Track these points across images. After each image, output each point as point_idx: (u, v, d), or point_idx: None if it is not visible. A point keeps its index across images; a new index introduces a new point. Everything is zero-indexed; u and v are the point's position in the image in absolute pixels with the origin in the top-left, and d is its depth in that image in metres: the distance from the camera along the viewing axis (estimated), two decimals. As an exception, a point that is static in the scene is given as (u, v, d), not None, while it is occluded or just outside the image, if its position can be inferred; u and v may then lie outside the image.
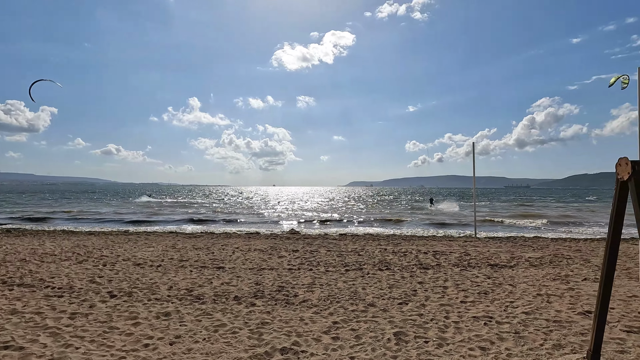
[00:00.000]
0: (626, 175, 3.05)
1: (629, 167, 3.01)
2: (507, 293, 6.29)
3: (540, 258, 9.68)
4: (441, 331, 4.57)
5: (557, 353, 3.96)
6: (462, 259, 9.49)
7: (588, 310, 5.38)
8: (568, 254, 10.36)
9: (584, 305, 5.67)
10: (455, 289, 6.55)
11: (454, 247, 11.44)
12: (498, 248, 11.39)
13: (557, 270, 8.24)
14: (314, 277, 7.36)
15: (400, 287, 6.66)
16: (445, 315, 5.13)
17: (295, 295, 6.07)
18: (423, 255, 9.91)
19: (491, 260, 9.25)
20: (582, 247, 11.90)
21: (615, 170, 3.20)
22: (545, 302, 5.81)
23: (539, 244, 12.46)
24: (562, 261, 9.28)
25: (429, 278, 7.35)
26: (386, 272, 7.91)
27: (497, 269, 8.24)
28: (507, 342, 4.23)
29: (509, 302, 5.76)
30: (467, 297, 6.05)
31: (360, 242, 12.74)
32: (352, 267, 8.42)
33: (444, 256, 9.84)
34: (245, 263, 8.81)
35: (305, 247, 11.40)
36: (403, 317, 5.07)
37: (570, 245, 12.41)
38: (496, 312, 5.28)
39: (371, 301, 5.78)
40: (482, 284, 6.92)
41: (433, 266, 8.53)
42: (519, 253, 10.46)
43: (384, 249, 10.99)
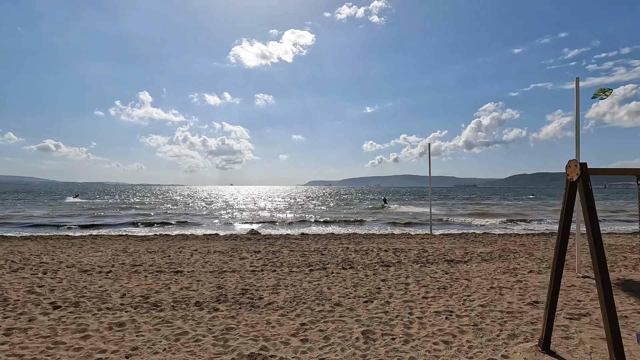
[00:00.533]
0: (575, 176, 3.31)
1: (578, 169, 3.27)
2: (464, 287, 6.63)
3: (490, 253, 10.34)
4: (406, 327, 4.68)
5: (512, 342, 4.22)
6: (421, 255, 9.86)
7: (536, 301, 5.82)
8: (514, 249, 11.17)
9: (531, 296, 6.12)
10: (416, 285, 6.78)
11: (413, 245, 11.86)
12: (452, 244, 12.00)
13: (505, 264, 8.84)
14: (279, 279, 7.24)
15: (365, 285, 6.76)
16: (409, 312, 5.28)
17: (260, 298, 5.93)
18: (384, 253, 10.16)
19: (447, 256, 9.71)
20: (526, 241, 12.90)
21: (566, 172, 3.47)
22: (498, 294, 6.20)
23: (488, 240, 13.32)
24: (510, 255, 9.98)
25: (391, 275, 7.54)
26: (350, 270, 7.99)
27: (453, 265, 8.66)
28: (467, 335, 4.44)
29: (466, 296, 6.07)
30: (428, 292, 6.28)
31: (322, 241, 12.79)
32: (316, 266, 8.41)
33: (404, 253, 10.16)
34: (205, 266, 8.45)
35: (267, 247, 11.21)
36: (369, 315, 5.14)
37: (515, 240, 13.41)
38: (455, 306, 5.53)
39: (337, 300, 5.80)
40: (441, 279, 7.23)
41: (394, 263, 8.77)
42: (471, 249, 11.09)
43: (346, 248, 11.11)
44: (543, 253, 10.34)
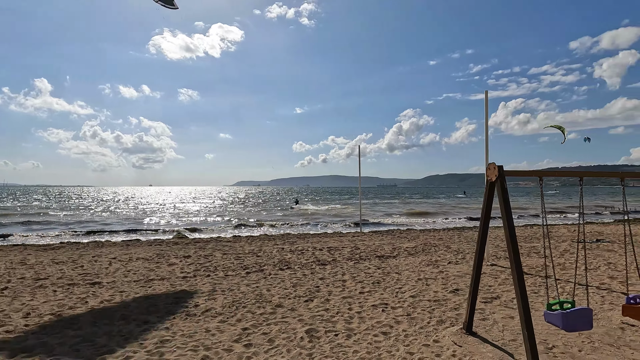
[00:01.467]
0: (494, 177, 3.78)
1: (496, 171, 3.75)
2: (395, 280, 7.10)
3: (415, 247, 11.24)
4: (347, 322, 4.86)
5: (441, 328, 4.66)
6: (354, 252, 10.29)
7: (456, 289, 6.50)
8: (434, 242, 12.31)
9: (452, 284, 6.82)
10: (352, 281, 7.06)
11: (345, 243, 12.31)
12: (381, 241, 12.75)
13: (428, 256, 9.70)
14: (214, 284, 6.91)
15: (304, 284, 6.82)
16: (348, 307, 5.47)
17: (196, 305, 5.60)
18: (319, 252, 10.37)
19: (378, 252, 10.30)
20: (443, 236, 14.30)
21: (486, 173, 3.94)
22: (425, 285, 6.78)
23: (412, 235, 14.45)
24: (431, 249, 10.97)
25: (328, 273, 7.73)
26: (287, 271, 7.99)
27: (384, 260, 9.22)
28: (402, 325, 4.78)
29: (398, 289, 6.51)
30: (364, 287, 6.59)
31: (256, 242, 12.55)
32: (253, 269, 8.23)
33: (338, 251, 10.50)
34: (128, 275, 7.69)
35: (198, 251, 10.62)
36: (311, 314, 5.20)
37: (434, 235, 14.78)
38: (390, 299, 5.90)
39: (278, 302, 5.75)
40: (374, 274, 7.64)
41: (330, 262, 9.00)
42: (398, 244, 11.92)
43: (282, 249, 11.08)
44: (458, 246, 11.58)
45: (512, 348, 4.05)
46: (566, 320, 3.61)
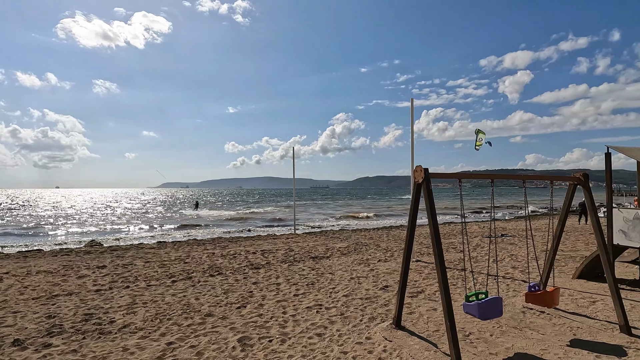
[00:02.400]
0: (420, 179, 4.02)
1: (422, 173, 3.99)
2: (329, 281, 7.20)
3: (347, 247, 11.57)
4: (282, 327, 4.76)
5: (373, 324, 4.82)
6: (288, 255, 10.22)
7: (386, 285, 6.81)
8: (365, 242, 12.81)
9: (382, 281, 7.13)
10: (287, 284, 6.97)
11: (279, 245, 12.18)
12: (315, 242, 12.88)
13: (360, 256, 10.04)
14: (134, 296, 6.26)
15: (236, 290, 6.54)
16: (283, 311, 5.38)
17: (112, 322, 5.00)
18: (252, 256, 10.08)
19: (312, 253, 10.37)
20: (373, 235, 14.98)
21: (413, 175, 4.18)
22: (357, 283, 6.98)
23: (344, 235, 14.87)
24: (362, 248, 11.39)
25: (262, 277, 7.53)
26: (218, 277, 7.60)
27: (317, 261, 9.30)
28: (337, 324, 4.83)
29: (331, 289, 6.60)
30: (299, 290, 6.55)
31: (184, 248, 11.75)
32: (180, 276, 7.66)
33: (272, 254, 10.32)
34: (25, 292, 6.59)
35: (115, 260, 9.57)
36: (244, 320, 4.99)
37: (365, 234, 15.40)
38: (324, 300, 5.94)
39: (208, 311, 5.42)
40: (309, 275, 7.66)
41: (263, 265, 8.80)
42: (331, 244, 12.16)
43: (212, 253, 10.53)
44: (387, 244, 12.21)
45: (435, 338, 4.34)
46: (482, 310, 3.99)
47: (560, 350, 4.01)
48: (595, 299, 5.80)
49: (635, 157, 6.29)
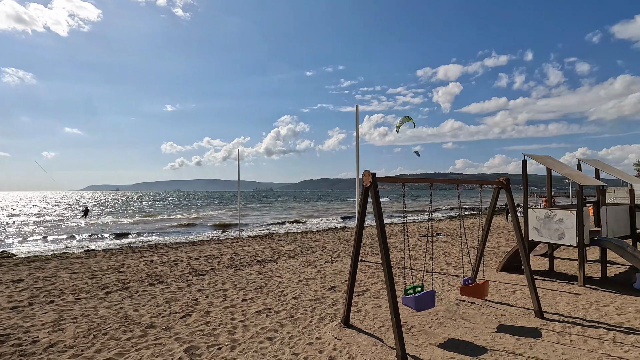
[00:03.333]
0: (368, 182, 4.24)
1: (370, 177, 4.21)
2: (278, 284, 7.19)
3: (294, 250, 11.63)
4: (231, 333, 4.66)
5: (322, 324, 4.94)
6: (234, 259, 9.97)
7: (333, 286, 6.99)
8: (311, 244, 12.98)
9: (330, 282, 7.31)
10: (234, 289, 6.82)
11: (224, 250, 11.82)
12: (261, 245, 12.73)
13: (307, 258, 10.16)
14: (60, 311, 5.66)
15: (180, 299, 6.23)
16: (231, 317, 5.26)
17: (35, 341, 4.47)
18: (196, 262, 9.66)
19: (258, 257, 10.24)
20: (319, 237, 15.22)
21: (362, 179, 4.39)
22: (305, 285, 7.07)
23: (290, 238, 14.89)
24: (309, 250, 11.53)
25: (207, 284, 7.27)
26: (159, 286, 7.17)
27: (265, 264, 9.22)
28: (287, 327, 4.87)
29: (280, 292, 6.61)
30: (247, 294, 6.45)
31: (117, 256, 10.85)
32: (115, 287, 7.07)
33: (217, 259, 9.99)
34: None
35: (35, 273, 8.53)
36: (190, 330, 4.80)
37: (311, 236, 15.59)
38: (273, 303, 5.93)
39: (149, 322, 5.10)
40: (256, 280, 7.56)
41: (208, 271, 8.49)
42: (278, 248, 12.11)
43: (150, 261, 9.88)
44: (333, 246, 12.50)
45: (381, 333, 4.59)
46: (418, 302, 4.32)
47: (488, 336, 4.49)
48: (515, 289, 6.56)
49: (544, 163, 7.26)
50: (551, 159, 7.56)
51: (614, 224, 7.44)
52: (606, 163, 8.84)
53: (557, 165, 7.30)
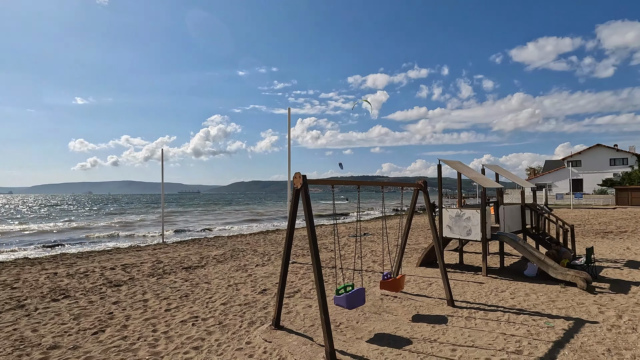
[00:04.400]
0: (299, 185, 4.31)
1: (301, 179, 4.29)
2: (205, 290, 6.88)
3: (224, 254, 11.23)
4: (152, 347, 4.34)
5: (252, 329, 4.87)
6: (156, 267, 9.27)
7: (264, 289, 6.93)
8: (242, 247, 12.66)
9: (260, 285, 7.22)
10: (156, 299, 6.35)
11: (145, 257, 10.91)
12: (187, 251, 12.04)
13: (237, 262, 9.89)
14: None
15: (91, 314, 5.60)
16: (152, 329, 4.90)
17: None
18: (111, 272, 8.76)
19: (184, 264, 9.67)
20: (250, 240, 14.92)
21: (293, 181, 4.44)
22: (235, 290, 6.89)
23: (220, 242, 14.34)
24: (239, 254, 11.24)
25: (124, 295, 6.65)
26: (65, 301, 6.35)
27: (191, 271, 8.74)
28: (215, 334, 4.69)
29: (208, 298, 6.34)
30: (171, 304, 6.05)
31: (9, 270, 9.31)
32: (6, 306, 6.07)
33: (136, 268, 9.19)
34: None
35: None
36: (103, 347, 4.35)
37: (241, 240, 15.21)
38: (200, 311, 5.66)
39: (52, 342, 4.49)
40: (182, 287, 7.14)
41: (126, 281, 7.76)
42: (206, 253, 11.58)
43: (54, 274, 8.69)
44: (264, 248, 12.36)
45: (311, 332, 4.69)
46: (349, 300, 4.52)
47: (408, 326, 4.87)
48: (431, 282, 7.22)
49: (456, 168, 8.14)
50: (461, 164, 8.50)
51: (509, 221, 8.64)
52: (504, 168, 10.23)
53: (465, 170, 8.23)
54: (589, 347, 4.07)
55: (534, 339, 4.33)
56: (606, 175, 45.15)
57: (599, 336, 4.39)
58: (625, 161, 45.69)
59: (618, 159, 46.45)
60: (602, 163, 47.07)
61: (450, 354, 3.99)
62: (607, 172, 45.57)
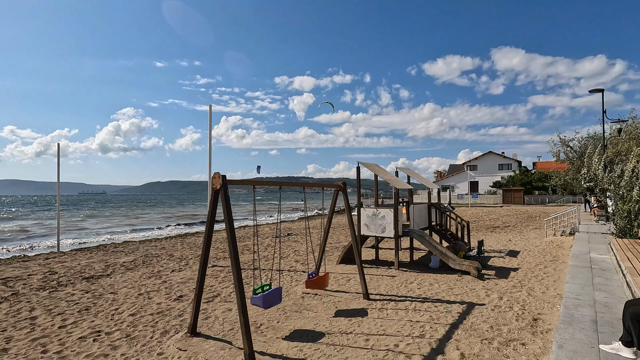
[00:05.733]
0: (218, 185, 4.19)
1: (220, 180, 4.17)
2: (111, 302, 6.22)
3: (134, 261, 10.27)
4: (41, 370, 3.79)
5: (166, 338, 4.56)
6: (49, 279, 8.06)
7: (180, 296, 6.53)
8: (156, 253, 11.73)
9: (176, 292, 6.79)
10: (48, 315, 5.53)
11: (34, 268, 9.40)
12: (90, 259, 10.71)
13: (150, 268, 9.14)
14: None
15: (-44, 339, 4.64)
16: (42, 350, 4.26)
17: None
18: (-14, 288, 7.36)
19: (85, 273, 8.59)
20: (166, 244, 13.89)
21: (212, 182, 4.30)
22: (147, 299, 6.37)
23: (130, 248, 13.05)
24: (153, 260, 10.39)
25: (5, 314, 5.65)
26: None
27: (94, 281, 7.81)
28: (121, 349, 4.28)
29: (114, 310, 5.74)
30: (67, 319, 5.34)
31: None
32: None
33: (22, 281, 7.87)
34: None
35: None
36: (-27, 377, 3.65)
37: (156, 244, 14.07)
38: (104, 324, 5.11)
39: None
40: (81, 300, 6.34)
41: (7, 298, 6.60)
42: (113, 260, 10.45)
43: None
44: (182, 253, 11.63)
45: (230, 336, 4.58)
46: (266, 300, 4.53)
47: (327, 322, 5.06)
48: (350, 278, 7.60)
49: (373, 170, 8.71)
50: (378, 166, 9.12)
51: (418, 219, 9.55)
52: (417, 171, 11.27)
53: (381, 172, 8.86)
54: (477, 326, 4.73)
55: (434, 323, 4.87)
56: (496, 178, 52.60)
57: (484, 316, 5.12)
58: (510, 166, 53.86)
59: (505, 164, 54.50)
60: (492, 168, 54.71)
61: (364, 344, 4.27)
62: (497, 176, 53.13)
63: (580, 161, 19.23)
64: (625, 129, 15.72)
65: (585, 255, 8.38)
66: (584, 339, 3.73)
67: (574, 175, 19.81)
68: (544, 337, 4.33)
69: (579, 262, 7.57)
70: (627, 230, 9.93)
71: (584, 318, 4.32)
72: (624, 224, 10.02)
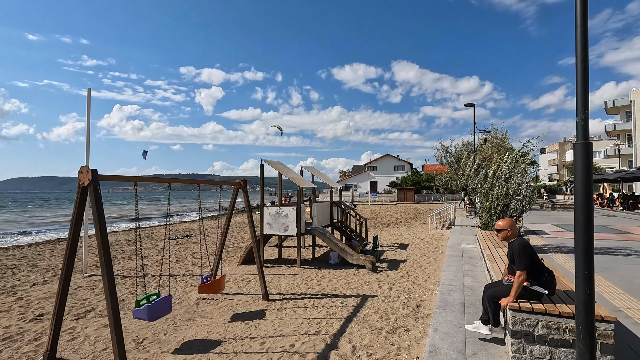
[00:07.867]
0: (87, 181, 3.54)
1: (90, 175, 3.53)
2: None
3: (-22, 275, 8.20)
4: None
5: (11, 370, 3.67)
6: None
7: (40, 314, 5.40)
8: (12, 264, 9.60)
9: (35, 310, 5.60)
10: None
11: None
12: None
13: (2, 283, 7.41)
14: None
15: None
16: None
17: None
18: None
19: None
20: (28, 253, 11.50)
21: (78, 177, 3.61)
22: (-10, 322, 5.09)
23: (-26, 260, 10.42)
24: (7, 272, 8.47)
25: None
26: None
27: None
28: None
29: (-64, 342, 4.42)
30: None
31: None
32: None
33: None
34: None
35: None
36: None
37: (15, 253, 11.55)
38: None
39: None
40: None
41: None
42: (-55, 276, 8.16)
43: None
44: (50, 262, 9.75)
45: (103, 357, 3.93)
46: (151, 312, 4.02)
47: (222, 328, 4.75)
48: (251, 279, 7.35)
49: (277, 168, 8.61)
50: (281, 164, 9.05)
51: (321, 217, 9.79)
52: (323, 171, 11.55)
53: (285, 170, 8.81)
54: (369, 317, 5.00)
55: (330, 319, 4.98)
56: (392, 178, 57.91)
57: (376, 307, 5.45)
58: (404, 168, 59.93)
59: (399, 166, 60.41)
60: (389, 169, 60.14)
61: (259, 348, 4.11)
62: (393, 176, 58.54)
63: (457, 164, 22.42)
64: (489, 138, 18.80)
65: (458, 245, 9.70)
66: (454, 320, 4.22)
67: (452, 177, 23.01)
68: (424, 321, 4.78)
69: (453, 252, 8.70)
70: (489, 223, 11.85)
71: (455, 302, 4.92)
72: (487, 218, 11.93)
